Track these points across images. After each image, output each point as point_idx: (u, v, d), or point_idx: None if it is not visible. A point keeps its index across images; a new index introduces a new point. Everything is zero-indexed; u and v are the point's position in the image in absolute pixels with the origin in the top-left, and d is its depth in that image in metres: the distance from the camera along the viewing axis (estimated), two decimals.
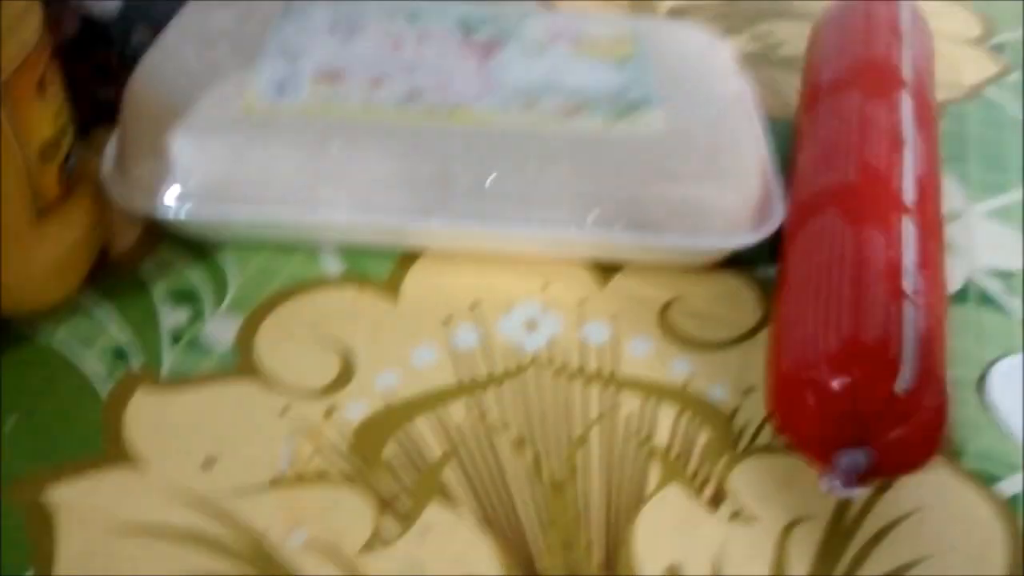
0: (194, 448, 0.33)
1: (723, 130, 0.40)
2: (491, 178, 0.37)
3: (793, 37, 0.59)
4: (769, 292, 0.41)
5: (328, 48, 0.42)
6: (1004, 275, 0.43)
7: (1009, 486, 0.34)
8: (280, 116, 0.38)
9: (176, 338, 0.37)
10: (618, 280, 0.41)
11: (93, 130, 0.42)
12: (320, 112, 0.39)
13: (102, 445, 0.33)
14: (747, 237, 0.39)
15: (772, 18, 0.61)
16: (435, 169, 0.38)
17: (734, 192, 0.39)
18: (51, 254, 0.36)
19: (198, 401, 0.35)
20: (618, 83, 0.41)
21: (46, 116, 0.34)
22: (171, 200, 0.38)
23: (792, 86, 0.54)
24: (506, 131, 0.39)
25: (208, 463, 0.33)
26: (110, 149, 0.40)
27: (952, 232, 0.45)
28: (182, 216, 0.38)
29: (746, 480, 0.34)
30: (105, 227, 0.39)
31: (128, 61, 0.42)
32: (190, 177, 0.37)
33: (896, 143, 0.38)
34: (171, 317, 0.38)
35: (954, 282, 0.43)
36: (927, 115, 0.42)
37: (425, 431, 0.35)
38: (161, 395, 0.35)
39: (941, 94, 0.54)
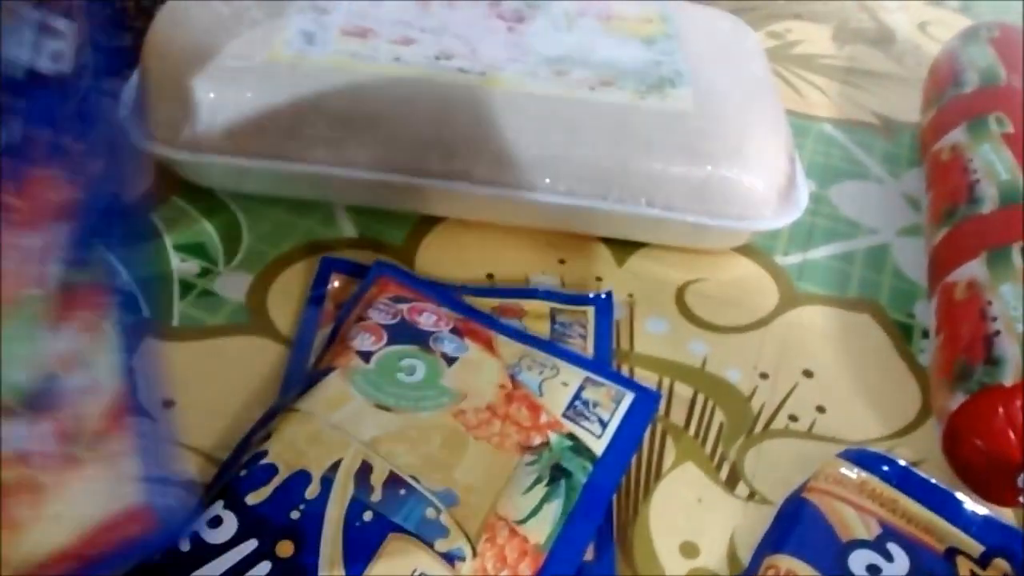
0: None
1: (750, 113, 0.40)
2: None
3: (809, 37, 0.59)
4: (785, 280, 0.41)
5: (357, 4, 0.41)
6: None
7: None
8: (308, 67, 0.37)
9: (186, 289, 0.36)
10: (635, 259, 0.41)
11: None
12: (348, 66, 0.38)
13: None
14: (771, 221, 0.39)
15: (789, 19, 0.61)
16: (462, 131, 0.37)
17: (760, 175, 0.38)
18: None
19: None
20: (647, 59, 0.41)
21: None
22: (191, 146, 0.37)
23: (806, 81, 0.54)
24: (536, 98, 0.38)
25: None
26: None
27: None
28: (202, 162, 0.37)
29: (761, 463, 0.34)
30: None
31: (145, 8, 0.41)
32: (212, 124, 0.37)
33: None
34: (182, 268, 0.37)
35: None
36: None
37: None
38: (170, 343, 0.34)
39: None
